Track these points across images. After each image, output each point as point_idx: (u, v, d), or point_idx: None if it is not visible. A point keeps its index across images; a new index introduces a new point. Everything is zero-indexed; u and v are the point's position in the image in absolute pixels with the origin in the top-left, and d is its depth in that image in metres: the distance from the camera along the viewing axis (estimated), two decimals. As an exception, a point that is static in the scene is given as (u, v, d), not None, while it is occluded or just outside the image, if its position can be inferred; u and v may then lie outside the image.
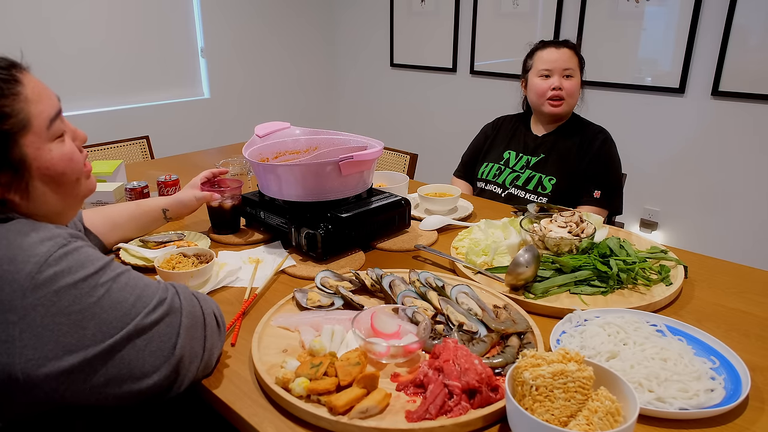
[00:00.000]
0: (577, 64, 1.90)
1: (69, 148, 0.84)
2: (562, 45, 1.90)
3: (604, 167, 1.86)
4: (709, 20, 2.81)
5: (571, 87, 1.88)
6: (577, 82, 1.89)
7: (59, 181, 0.83)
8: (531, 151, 1.96)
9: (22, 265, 0.70)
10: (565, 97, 1.88)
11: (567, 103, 1.90)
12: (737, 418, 0.81)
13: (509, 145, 2.03)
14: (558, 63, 1.87)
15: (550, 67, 1.87)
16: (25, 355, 0.69)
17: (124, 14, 3.39)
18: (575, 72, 1.89)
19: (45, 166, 0.80)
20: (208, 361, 0.87)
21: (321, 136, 1.60)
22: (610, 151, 1.88)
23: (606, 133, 1.91)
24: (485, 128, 2.16)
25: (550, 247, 1.29)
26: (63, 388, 0.72)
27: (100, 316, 0.74)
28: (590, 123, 1.96)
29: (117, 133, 3.19)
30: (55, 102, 0.83)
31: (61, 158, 0.82)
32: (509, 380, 0.77)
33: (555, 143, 1.92)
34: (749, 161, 2.85)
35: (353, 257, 1.35)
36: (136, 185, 1.62)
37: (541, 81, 1.89)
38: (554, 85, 1.87)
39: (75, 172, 0.85)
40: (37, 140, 0.79)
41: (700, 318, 1.09)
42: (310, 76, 4.54)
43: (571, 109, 1.93)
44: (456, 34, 3.84)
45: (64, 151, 0.83)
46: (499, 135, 2.09)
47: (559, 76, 1.87)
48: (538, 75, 1.90)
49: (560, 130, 1.94)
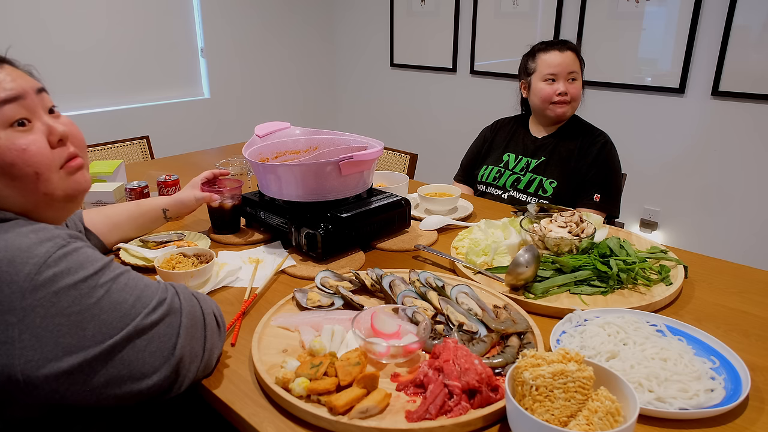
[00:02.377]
0: (579, 66, 1.90)
1: (29, 139, 0.79)
2: (565, 48, 1.89)
3: (605, 171, 1.86)
4: (709, 20, 2.81)
5: (576, 90, 1.88)
6: (580, 85, 1.90)
7: (10, 173, 0.77)
8: (531, 153, 1.95)
9: (21, 266, 0.70)
10: (570, 101, 1.88)
11: (571, 106, 1.90)
12: (737, 418, 0.81)
13: (508, 147, 2.02)
14: (563, 67, 1.86)
15: (556, 71, 1.86)
16: (25, 356, 0.69)
17: (124, 14, 3.39)
18: (578, 75, 1.89)
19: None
20: (208, 362, 0.87)
21: (321, 136, 1.60)
22: (610, 155, 1.88)
23: (606, 137, 1.91)
24: (484, 131, 2.15)
25: (550, 247, 1.29)
26: (63, 388, 0.72)
27: (99, 317, 0.73)
28: (591, 126, 1.96)
29: (117, 133, 3.19)
30: (11, 87, 0.79)
31: (11, 148, 0.77)
32: (509, 380, 0.77)
33: (556, 146, 1.92)
34: (749, 161, 2.85)
35: (353, 257, 1.35)
36: (136, 185, 1.62)
37: (546, 85, 1.88)
38: (560, 90, 1.86)
39: (30, 165, 0.78)
40: None
41: (700, 318, 1.09)
42: (310, 76, 4.54)
43: (574, 111, 1.93)
44: (456, 34, 3.84)
45: (18, 140, 0.78)
46: (497, 137, 2.08)
47: (565, 80, 1.86)
48: (542, 79, 1.88)
49: (560, 133, 1.94)
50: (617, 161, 1.90)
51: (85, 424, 0.87)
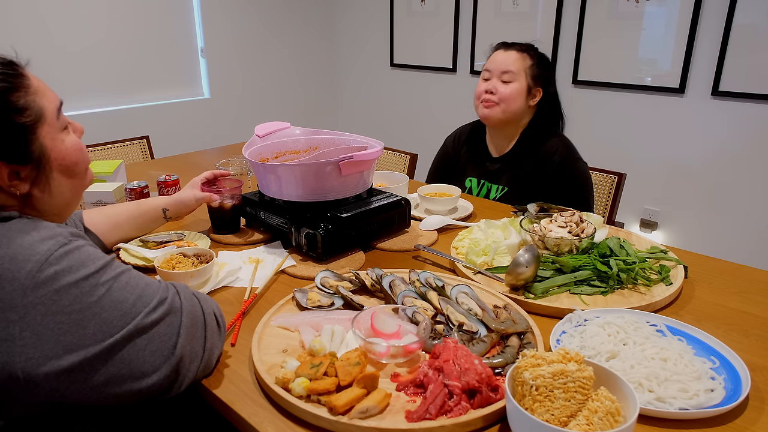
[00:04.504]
0: (526, 68, 1.75)
1: (76, 138, 0.87)
2: (511, 47, 1.78)
3: (567, 187, 1.75)
4: (709, 20, 2.81)
5: (507, 92, 1.74)
6: (516, 88, 1.75)
7: (73, 171, 0.85)
8: (491, 178, 1.87)
9: (23, 263, 0.70)
10: (497, 101, 1.76)
11: (501, 109, 1.76)
12: (737, 418, 0.81)
13: (467, 169, 1.93)
14: (496, 65, 1.76)
15: (490, 69, 1.77)
16: (26, 354, 0.69)
17: (124, 14, 3.39)
18: (517, 77, 1.74)
19: (62, 156, 0.83)
20: (208, 361, 0.87)
21: (321, 136, 1.60)
22: (568, 169, 1.75)
23: (561, 150, 1.76)
24: (445, 144, 2.06)
25: (550, 247, 1.29)
26: (63, 387, 0.72)
27: (100, 316, 0.74)
28: (544, 138, 1.80)
29: (117, 133, 3.19)
30: (56, 94, 0.86)
31: (74, 148, 0.85)
32: (509, 380, 0.77)
33: (513, 171, 1.82)
34: (749, 161, 2.85)
35: (353, 257, 1.35)
36: (136, 185, 1.62)
37: (480, 83, 1.80)
38: (488, 88, 1.76)
39: (85, 162, 0.88)
40: (51, 131, 0.81)
41: (700, 318, 1.09)
42: (310, 75, 4.54)
43: (505, 116, 1.78)
44: (456, 34, 3.85)
45: (74, 140, 0.86)
46: (460, 154, 1.98)
47: (497, 78, 1.76)
48: (481, 76, 1.81)
49: (514, 152, 1.83)
50: (580, 170, 1.77)
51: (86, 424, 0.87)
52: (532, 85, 1.78)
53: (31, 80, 0.80)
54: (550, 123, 1.86)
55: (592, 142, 3.28)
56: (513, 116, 1.79)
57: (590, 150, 3.23)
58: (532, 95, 1.79)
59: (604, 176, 2.10)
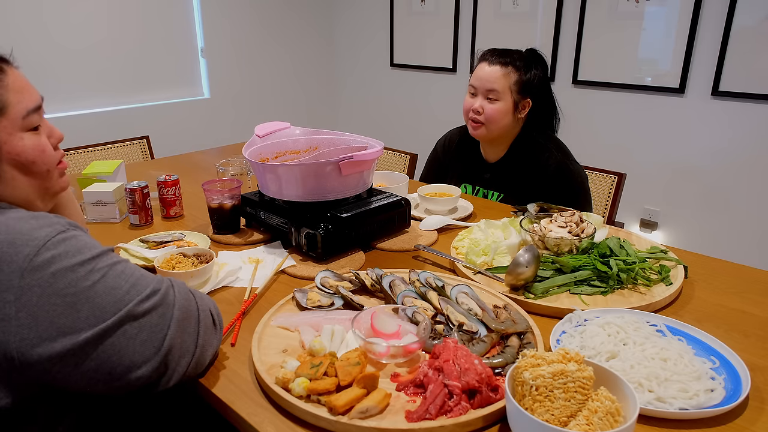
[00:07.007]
0: (510, 85, 1.70)
1: (42, 141, 0.89)
2: (496, 61, 1.71)
3: (564, 191, 1.72)
4: (709, 20, 2.81)
5: (493, 112, 1.71)
6: (502, 108, 1.71)
7: (30, 170, 0.87)
8: (486, 184, 1.85)
9: (22, 247, 0.73)
10: (484, 121, 1.73)
11: (487, 129, 1.74)
12: (737, 418, 0.81)
13: (462, 174, 1.92)
14: (481, 82, 1.72)
15: (475, 85, 1.74)
16: (21, 334, 0.72)
17: (124, 14, 3.39)
18: (503, 96, 1.70)
19: (16, 152, 0.85)
20: (199, 358, 0.87)
21: (321, 136, 1.60)
22: (564, 174, 1.73)
23: (555, 155, 1.74)
24: (436, 149, 2.04)
25: (550, 247, 1.29)
26: (55, 370, 0.74)
27: (94, 300, 0.75)
28: (539, 145, 1.78)
29: (117, 133, 3.19)
30: (37, 98, 0.89)
31: (33, 147, 0.87)
32: (509, 380, 0.77)
33: (507, 178, 1.80)
34: (749, 161, 2.85)
35: (353, 257, 1.35)
36: (136, 185, 1.62)
37: (468, 98, 1.78)
38: (474, 107, 1.74)
39: (45, 164, 0.90)
40: (9, 126, 0.84)
41: (700, 318, 1.09)
42: (309, 75, 4.54)
43: (492, 135, 1.77)
44: (456, 34, 3.84)
45: (36, 141, 0.88)
46: (452, 160, 1.96)
47: (483, 96, 1.73)
48: (468, 89, 1.77)
49: (507, 159, 1.81)
50: (576, 176, 1.75)
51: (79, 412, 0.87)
52: (518, 100, 1.74)
53: (8, 76, 0.83)
54: (544, 125, 1.84)
55: (592, 142, 3.29)
56: (502, 131, 1.78)
57: (590, 150, 3.25)
58: (520, 109, 1.76)
59: (604, 176, 2.09)
